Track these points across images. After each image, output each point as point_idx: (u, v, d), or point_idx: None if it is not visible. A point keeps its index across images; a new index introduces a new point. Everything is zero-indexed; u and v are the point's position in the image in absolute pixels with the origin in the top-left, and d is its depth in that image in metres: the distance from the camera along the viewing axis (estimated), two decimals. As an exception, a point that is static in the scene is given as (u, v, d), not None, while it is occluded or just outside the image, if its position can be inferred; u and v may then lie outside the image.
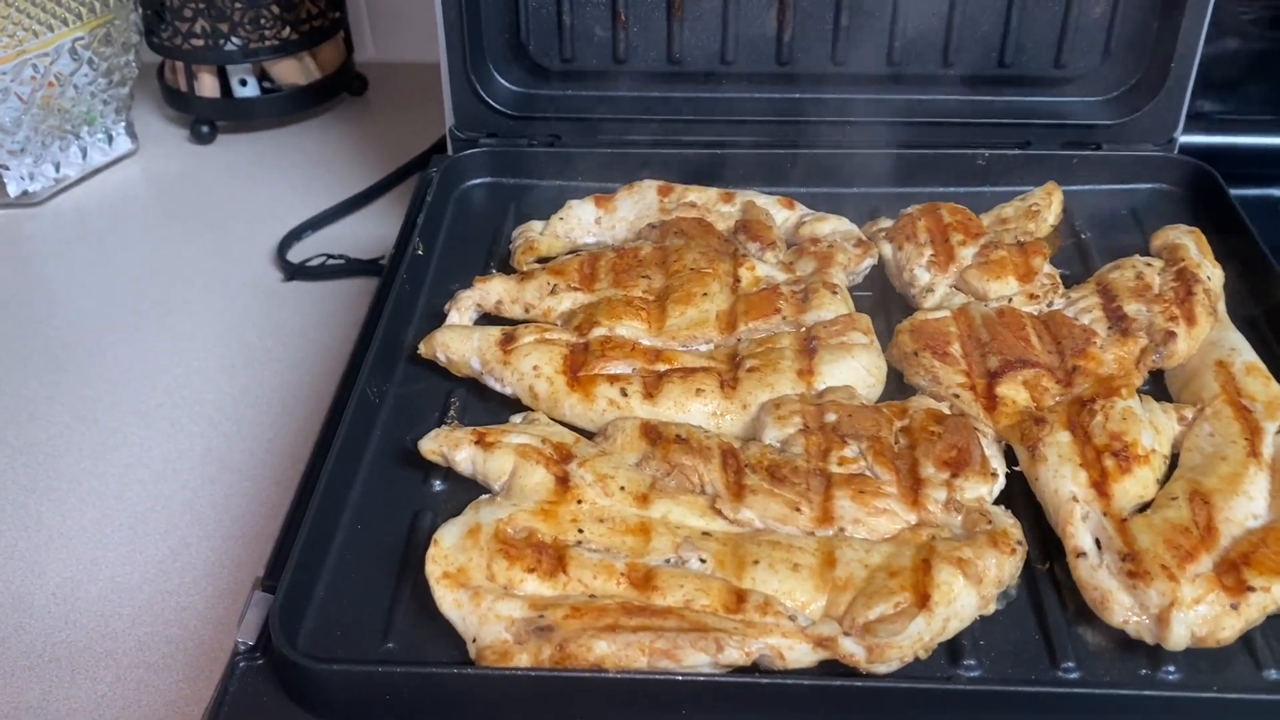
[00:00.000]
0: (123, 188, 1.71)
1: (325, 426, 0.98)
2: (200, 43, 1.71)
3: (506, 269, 1.16)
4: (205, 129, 1.78)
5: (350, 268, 1.50)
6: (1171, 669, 0.77)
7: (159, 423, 1.28)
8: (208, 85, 1.77)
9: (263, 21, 1.71)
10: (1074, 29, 1.29)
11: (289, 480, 1.15)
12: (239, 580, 1.10)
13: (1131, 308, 1.00)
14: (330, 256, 1.51)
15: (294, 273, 1.49)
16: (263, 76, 1.78)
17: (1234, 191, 1.21)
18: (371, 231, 1.59)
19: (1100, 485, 0.84)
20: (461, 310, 1.06)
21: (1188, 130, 1.32)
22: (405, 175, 1.68)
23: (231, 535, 1.14)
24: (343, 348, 1.17)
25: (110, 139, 1.73)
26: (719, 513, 0.83)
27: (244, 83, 1.77)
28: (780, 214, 1.18)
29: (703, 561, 0.79)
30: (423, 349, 1.02)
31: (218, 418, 1.28)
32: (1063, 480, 0.85)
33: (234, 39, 1.71)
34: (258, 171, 1.74)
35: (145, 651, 1.02)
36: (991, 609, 0.79)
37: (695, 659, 0.73)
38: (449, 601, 0.77)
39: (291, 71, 1.78)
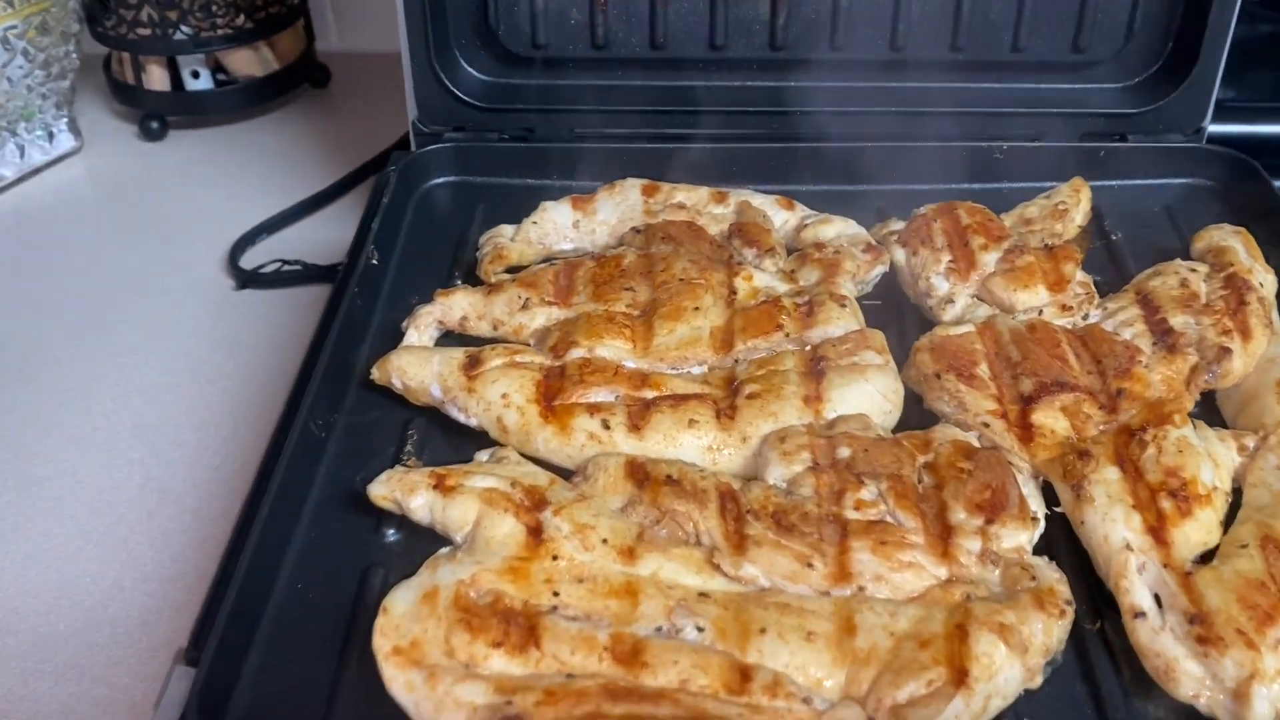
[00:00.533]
0: (65, 189, 1.62)
1: (263, 465, 0.86)
2: (147, 32, 1.62)
3: (472, 280, 1.06)
4: (155, 125, 1.69)
5: (307, 274, 1.41)
6: (1250, 750, 0.67)
7: (94, 449, 1.18)
8: (157, 77, 1.67)
9: (215, 8, 1.63)
10: (1094, 8, 1.21)
11: (235, 515, 1.05)
12: (177, 630, 0.99)
13: (1178, 320, 0.89)
14: (286, 263, 1.42)
15: (246, 281, 1.40)
16: (217, 68, 1.69)
17: None
18: (332, 235, 1.49)
19: (1157, 531, 0.73)
20: (421, 328, 0.95)
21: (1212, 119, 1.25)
22: (368, 173, 1.59)
23: (170, 578, 1.04)
24: (298, 364, 1.07)
25: (51, 136, 1.65)
26: (718, 568, 0.72)
27: (196, 75, 1.68)
28: (779, 215, 1.07)
29: (700, 630, 0.68)
30: (376, 374, 0.91)
31: (159, 442, 1.19)
32: (1114, 525, 0.73)
33: (184, 27, 1.63)
34: (211, 170, 1.65)
35: (70, 715, 0.92)
36: (1039, 681, 0.68)
37: (693, 754, 0.61)
38: (400, 683, 0.66)
39: (247, 62, 1.69)
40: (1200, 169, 1.18)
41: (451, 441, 0.89)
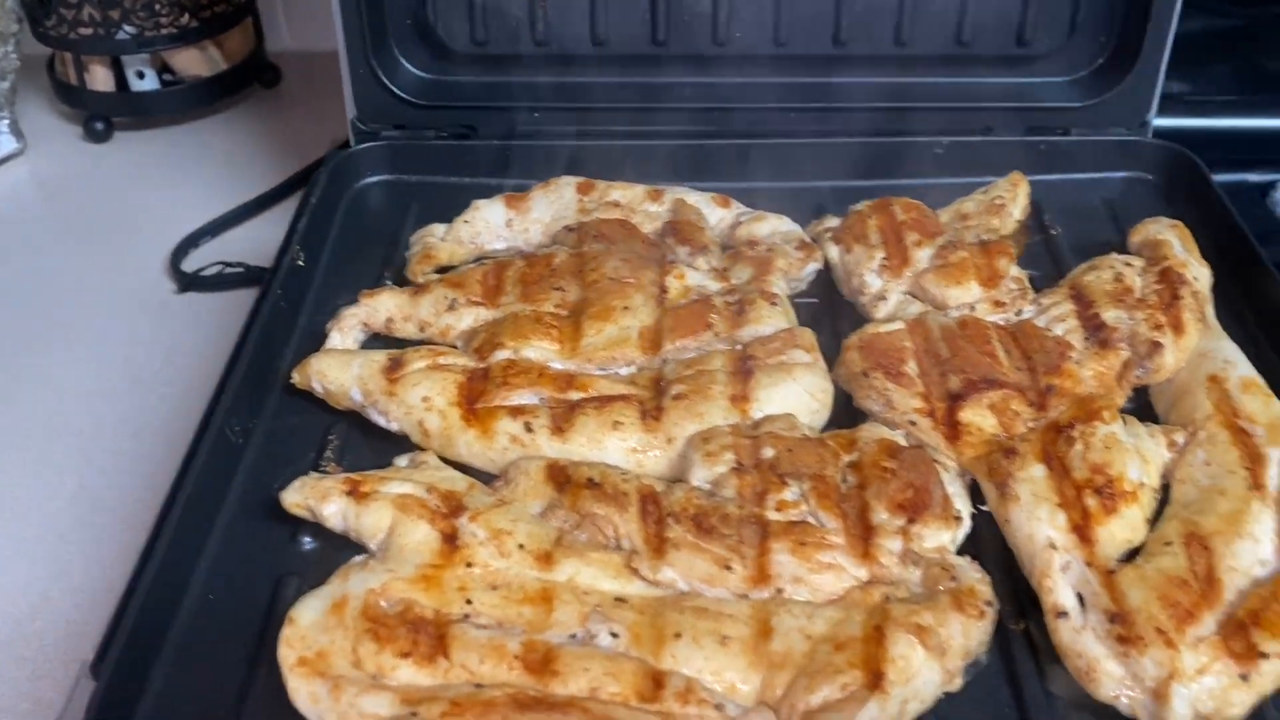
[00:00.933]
0: (7, 191, 1.59)
1: (180, 473, 0.84)
2: (89, 31, 1.59)
3: (403, 281, 1.04)
4: (100, 126, 1.66)
5: (250, 277, 1.39)
6: (1172, 751, 0.66)
7: (25, 456, 1.16)
8: (100, 78, 1.64)
9: (158, 7, 1.61)
10: (1037, 2, 1.21)
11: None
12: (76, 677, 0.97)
13: (1111, 315, 0.89)
14: (228, 265, 1.40)
15: (188, 283, 1.38)
16: (163, 68, 1.66)
17: None
18: (276, 237, 1.43)
19: (1082, 529, 0.72)
20: (345, 330, 0.94)
21: (1159, 113, 1.24)
22: (314, 174, 1.55)
23: (101, 589, 1.01)
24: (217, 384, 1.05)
25: (-8, 138, 1.60)
26: (636, 572, 0.71)
27: (141, 75, 1.66)
28: (714, 213, 1.06)
29: (614, 636, 0.67)
30: (296, 377, 0.89)
31: (93, 450, 1.16)
32: (1038, 524, 0.73)
33: (127, 27, 1.61)
34: (157, 172, 1.62)
35: (-8, 728, 0.91)
36: (958, 684, 0.67)
37: (600, 764, 0.60)
38: (304, 695, 0.64)
39: (194, 62, 1.66)
40: (1140, 163, 1.18)
41: (373, 446, 0.88)
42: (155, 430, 1.18)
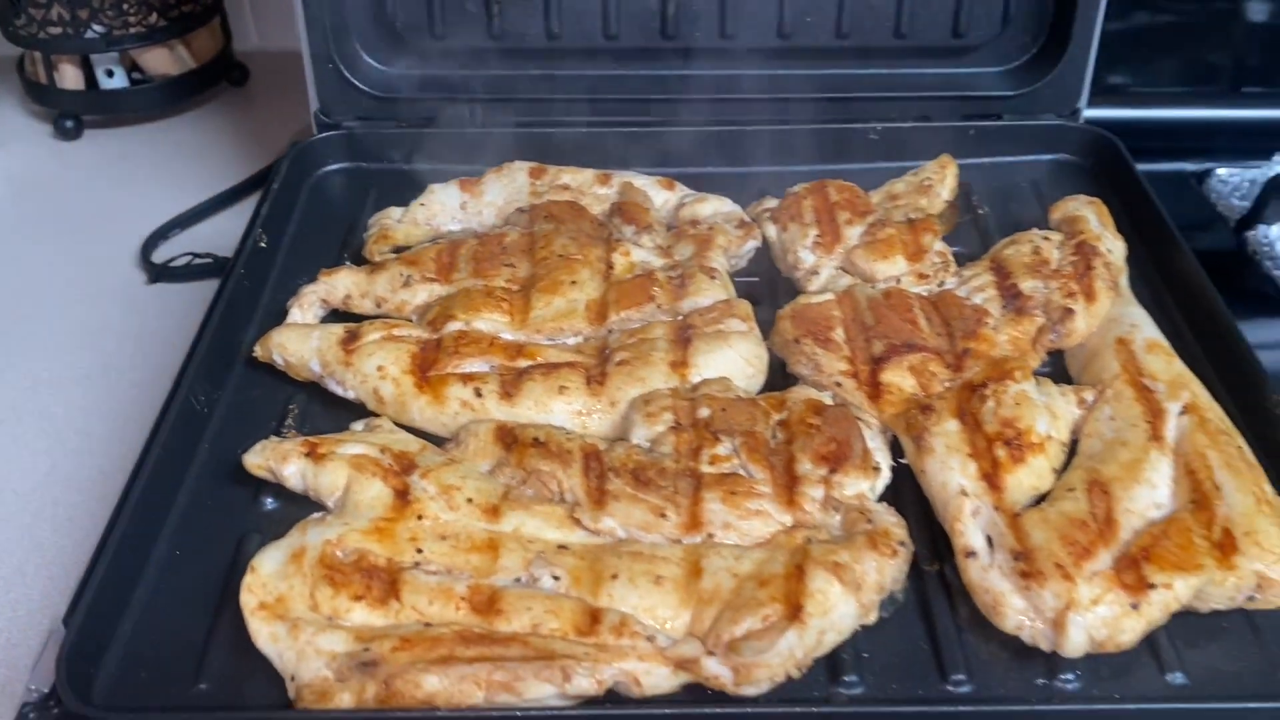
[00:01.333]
0: (-24, 187, 1.61)
1: (148, 440, 0.88)
2: (58, 30, 1.61)
3: (361, 261, 1.08)
4: (69, 124, 1.68)
5: (219, 267, 1.41)
6: (1070, 677, 0.73)
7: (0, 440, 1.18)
8: (70, 77, 1.66)
9: (126, 7, 1.63)
10: None
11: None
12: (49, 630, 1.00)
13: (1027, 285, 0.95)
14: (197, 256, 1.43)
15: (158, 274, 1.41)
16: (132, 67, 1.68)
17: (1146, 166, 1.19)
18: (244, 229, 1.50)
19: (991, 477, 0.78)
20: (305, 307, 0.98)
21: (1098, 104, 1.31)
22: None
23: (74, 562, 1.04)
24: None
25: (-39, 136, 1.62)
26: (578, 522, 0.76)
27: (110, 73, 1.68)
28: (660, 195, 1.11)
29: (556, 579, 0.71)
30: (258, 350, 0.94)
31: (66, 433, 1.19)
32: (951, 473, 0.78)
33: (95, 26, 1.63)
34: (127, 169, 1.65)
35: (-35, 698, 0.93)
36: (874, 617, 0.72)
37: (540, 691, 0.65)
38: (265, 635, 0.69)
39: (162, 61, 1.69)
40: (1066, 147, 1.23)
41: (331, 414, 0.92)
42: (126, 414, 1.20)
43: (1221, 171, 1.38)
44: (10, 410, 1.22)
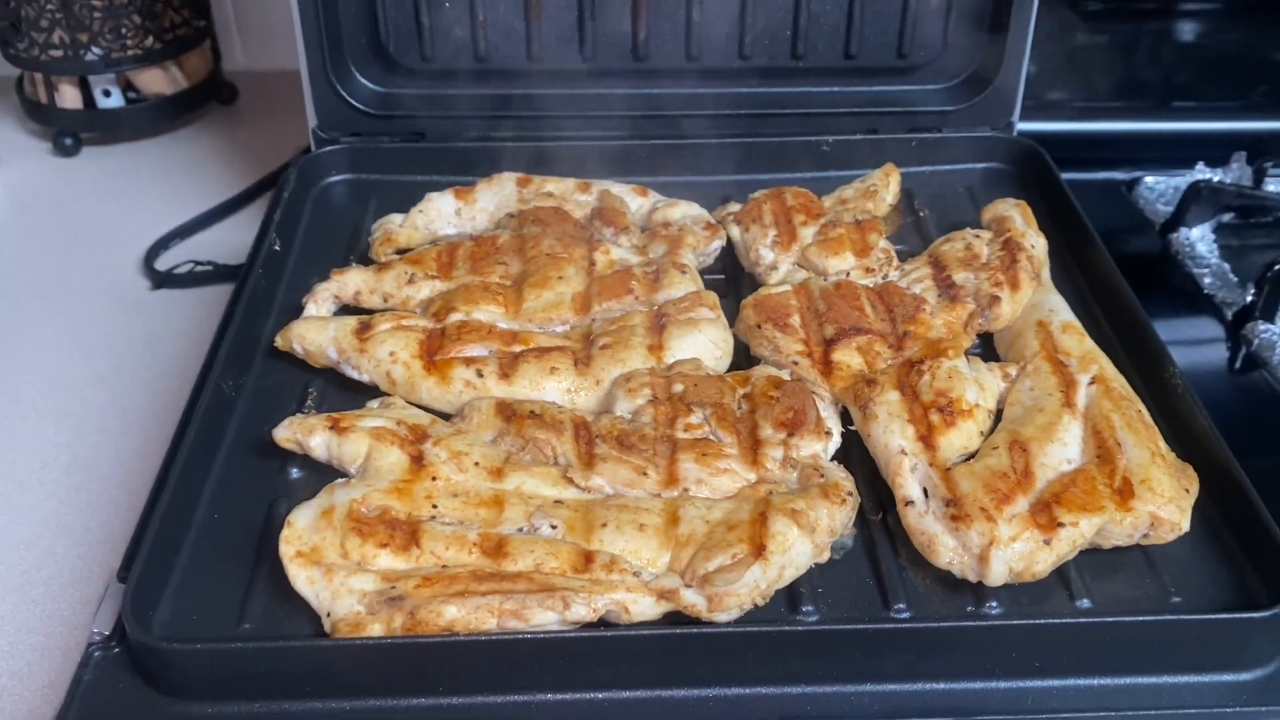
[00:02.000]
0: (-20, 203, 1.67)
1: (182, 421, 0.98)
2: (59, 53, 1.67)
3: (367, 263, 1.17)
4: (68, 141, 1.75)
5: (219, 273, 1.49)
6: (994, 604, 0.83)
7: (22, 435, 1.25)
8: (69, 96, 1.73)
9: (124, 30, 1.68)
10: (913, 21, 1.35)
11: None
12: (105, 583, 1.08)
13: (960, 276, 1.06)
14: (198, 263, 1.49)
15: (161, 281, 1.47)
16: (127, 86, 1.75)
17: (1079, 175, 1.28)
18: (241, 238, 1.57)
19: (927, 439, 0.89)
20: (319, 302, 1.07)
21: (1036, 118, 1.41)
22: (275, 181, 1.67)
23: (98, 540, 1.12)
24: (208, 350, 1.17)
25: (-38, 156, 1.68)
26: (571, 481, 0.87)
27: (107, 93, 1.74)
28: (635, 201, 1.22)
29: (554, 528, 0.82)
30: (279, 341, 1.03)
31: (84, 428, 1.26)
32: (892, 435, 0.90)
33: (95, 49, 1.68)
34: (124, 183, 1.71)
35: (9, 660, 1.01)
36: (826, 557, 0.84)
37: (544, 618, 0.76)
38: (302, 579, 0.79)
39: (157, 81, 1.76)
40: (998, 156, 1.33)
41: (347, 396, 1.01)
42: (139, 409, 1.27)
43: (1149, 179, 1.47)
44: (31, 408, 1.28)
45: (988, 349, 1.07)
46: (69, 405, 1.30)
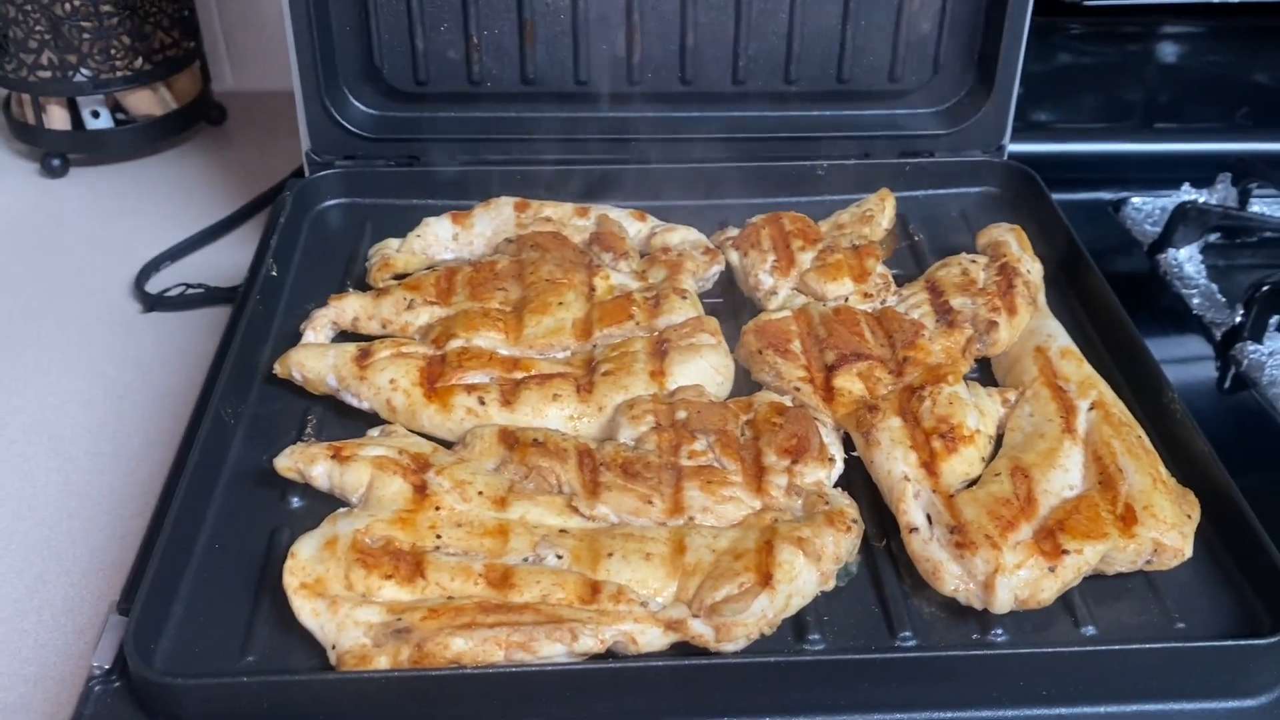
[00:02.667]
0: (-32, 225, 1.65)
1: (180, 450, 0.97)
2: (48, 74, 1.67)
3: (364, 288, 1.17)
4: (56, 162, 1.74)
5: (210, 296, 1.48)
6: (1000, 631, 0.83)
7: (11, 460, 1.24)
8: (58, 117, 1.72)
9: (113, 51, 1.68)
10: (905, 45, 1.36)
11: (151, 513, 1.14)
12: (99, 613, 1.07)
13: (957, 301, 1.07)
14: (189, 286, 1.49)
15: (153, 304, 1.47)
16: (116, 107, 1.75)
17: (1066, 195, 1.30)
18: (231, 260, 1.57)
19: (929, 465, 0.89)
20: (317, 329, 1.07)
21: (1024, 139, 1.42)
22: (267, 202, 1.67)
23: (91, 569, 1.12)
24: (206, 376, 1.16)
25: (-52, 176, 1.67)
26: (576, 510, 0.86)
27: (96, 114, 1.74)
28: (633, 226, 1.22)
29: (559, 558, 0.82)
30: (278, 368, 1.02)
31: (75, 452, 1.26)
32: (895, 462, 0.90)
33: (84, 70, 1.67)
34: (113, 204, 1.71)
35: (4, 692, 0.99)
36: (832, 585, 0.84)
37: (551, 650, 0.76)
38: (307, 611, 0.78)
39: (146, 102, 1.76)
40: (991, 180, 1.34)
41: (346, 424, 1.00)
42: (130, 433, 1.26)
43: (1136, 200, 1.48)
44: (20, 432, 1.27)
45: (985, 373, 1.08)
46: (60, 430, 1.29)
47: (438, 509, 0.85)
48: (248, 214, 1.66)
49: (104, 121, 1.74)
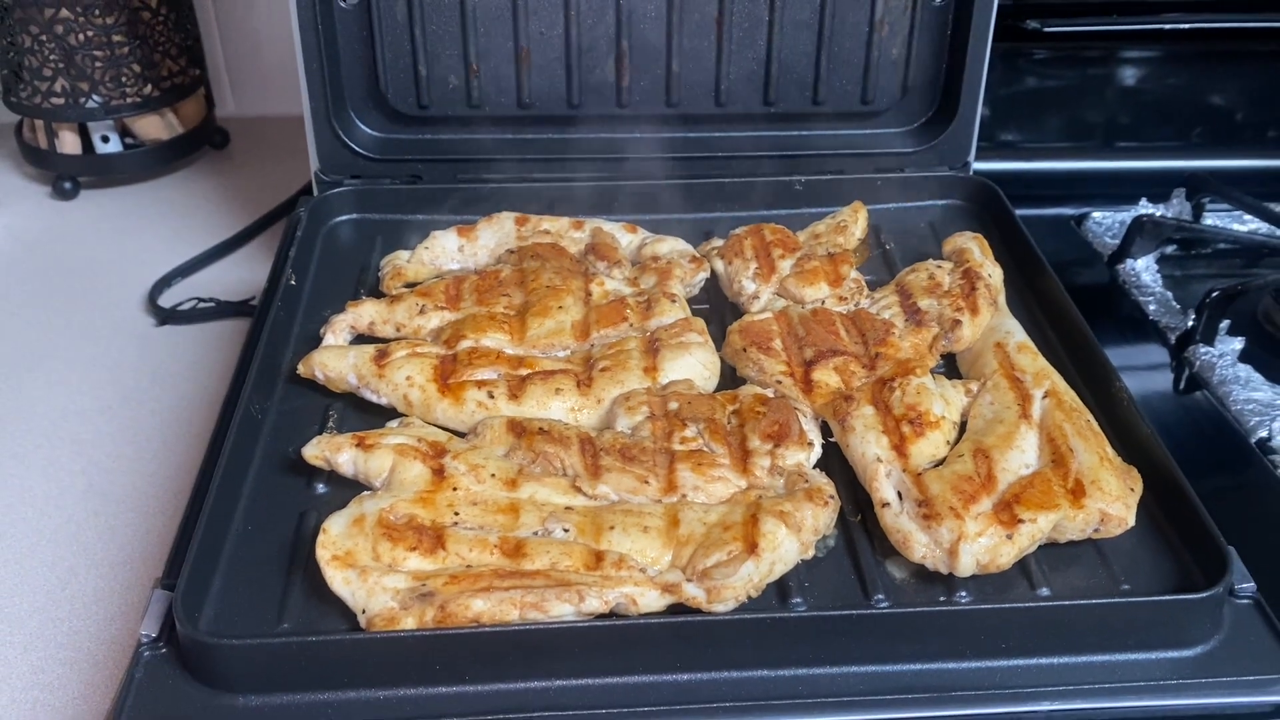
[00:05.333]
0: (-16, 245, 1.72)
1: (212, 443, 1.05)
2: (60, 101, 1.74)
3: (377, 296, 1.25)
4: (68, 185, 1.81)
5: (222, 310, 1.55)
6: (964, 594, 0.92)
7: (37, 464, 1.31)
8: (69, 142, 1.80)
9: (123, 79, 1.75)
10: (875, 70, 1.45)
11: (173, 509, 1.21)
12: (129, 604, 1.14)
13: (925, 303, 1.17)
14: (201, 300, 1.56)
15: (166, 317, 1.54)
16: (124, 132, 1.82)
17: (1031, 211, 1.38)
18: (240, 276, 1.65)
19: (899, 447, 0.98)
20: (336, 332, 1.15)
21: (991, 158, 1.51)
22: (271, 221, 1.75)
23: (118, 563, 1.18)
24: (220, 385, 1.23)
25: (-38, 200, 1.73)
26: (579, 490, 0.95)
27: (106, 139, 1.81)
28: (625, 238, 1.31)
29: (566, 531, 0.90)
30: (301, 369, 1.10)
31: (97, 455, 1.32)
32: (868, 445, 0.99)
33: (95, 97, 1.75)
34: (123, 224, 1.78)
35: (39, 674, 1.06)
36: (812, 554, 0.92)
37: (561, 609, 0.84)
38: (339, 580, 0.86)
39: (154, 127, 1.83)
40: (957, 193, 1.43)
41: (365, 418, 1.08)
42: (151, 437, 1.34)
43: (1096, 214, 1.55)
44: (44, 438, 1.34)
45: (951, 368, 1.17)
46: (81, 434, 1.36)
47: (455, 489, 0.93)
48: (254, 232, 1.74)
49: (113, 146, 1.81)
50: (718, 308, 1.27)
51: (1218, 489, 0.98)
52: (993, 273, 1.22)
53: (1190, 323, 1.29)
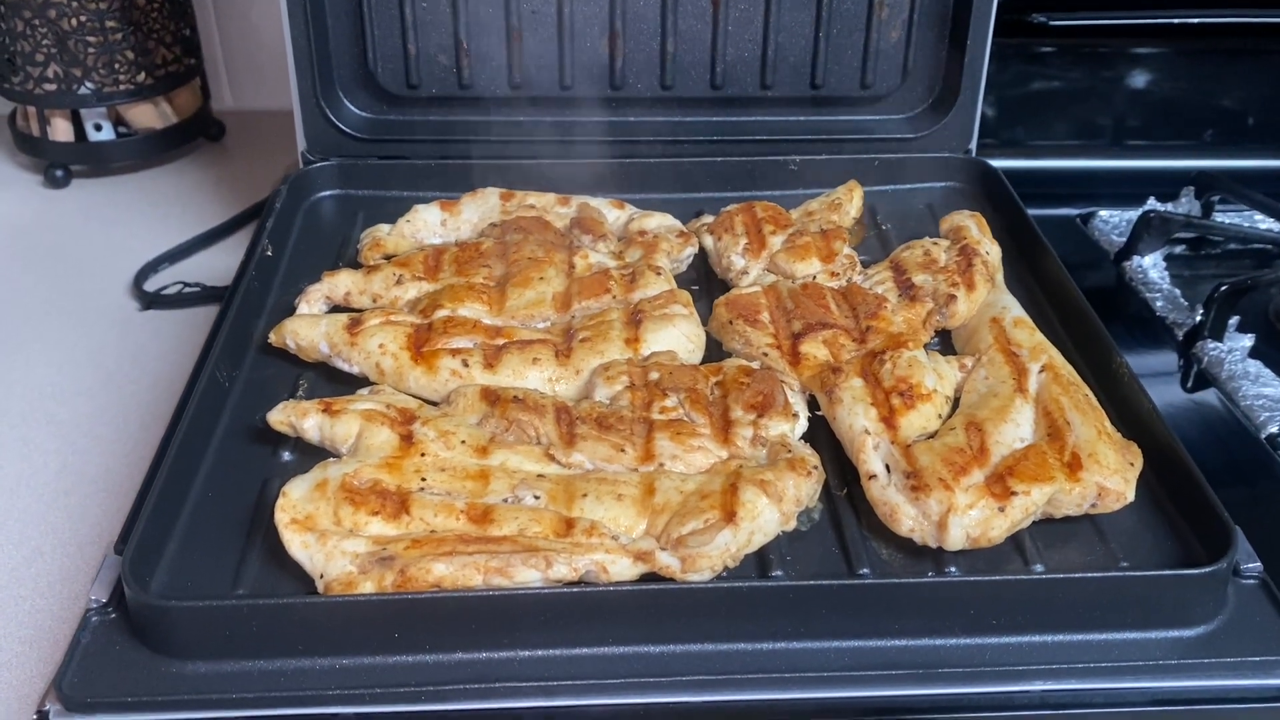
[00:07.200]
0: (-28, 232, 1.70)
1: (177, 410, 1.02)
2: (53, 87, 1.73)
3: (355, 268, 1.21)
4: (59, 173, 1.79)
5: (207, 295, 1.53)
6: (953, 569, 0.88)
7: (11, 442, 1.28)
8: (61, 130, 1.78)
9: (117, 66, 1.73)
10: (875, 53, 1.42)
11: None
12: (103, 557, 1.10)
13: (919, 278, 1.13)
14: (187, 285, 1.53)
15: (150, 301, 1.51)
16: (118, 120, 1.80)
17: (1038, 210, 1.34)
18: (228, 263, 1.61)
19: (889, 420, 0.94)
20: (311, 302, 1.12)
21: (998, 155, 1.47)
22: (261, 211, 1.72)
23: (87, 541, 1.15)
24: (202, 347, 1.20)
25: (-47, 186, 1.72)
26: (553, 459, 0.91)
27: (99, 127, 1.79)
28: (612, 214, 1.28)
29: (536, 498, 0.87)
30: (273, 337, 1.07)
31: (73, 435, 1.30)
32: (856, 417, 0.95)
33: (88, 83, 1.73)
34: (114, 213, 1.76)
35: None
36: (793, 526, 0.88)
37: (527, 576, 0.80)
38: (297, 544, 0.82)
39: (147, 116, 1.81)
40: (956, 175, 1.41)
41: (337, 388, 1.05)
42: (127, 420, 1.30)
43: (1103, 213, 1.54)
44: (20, 417, 1.31)
45: (946, 345, 1.13)
46: (58, 415, 1.33)
47: (423, 455, 0.90)
48: (244, 220, 1.71)
49: (106, 134, 1.79)
50: (706, 284, 1.24)
51: (1227, 484, 0.94)
52: (990, 250, 1.18)
53: (1198, 317, 1.26)
